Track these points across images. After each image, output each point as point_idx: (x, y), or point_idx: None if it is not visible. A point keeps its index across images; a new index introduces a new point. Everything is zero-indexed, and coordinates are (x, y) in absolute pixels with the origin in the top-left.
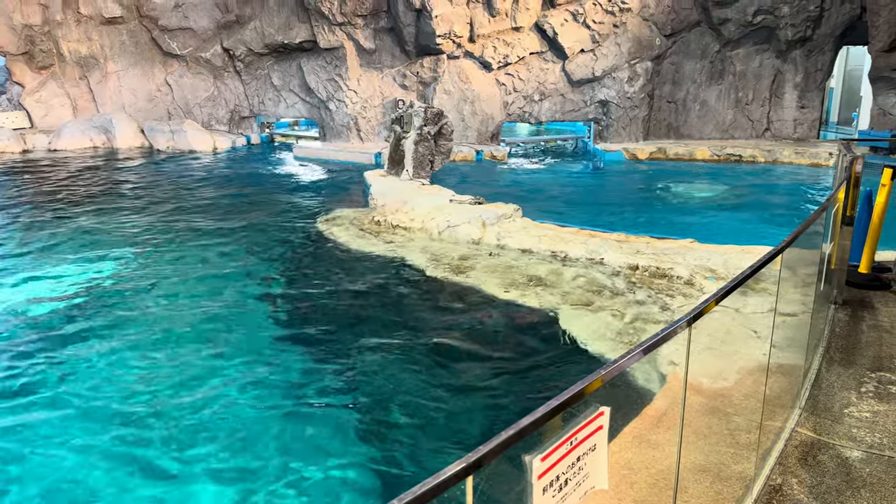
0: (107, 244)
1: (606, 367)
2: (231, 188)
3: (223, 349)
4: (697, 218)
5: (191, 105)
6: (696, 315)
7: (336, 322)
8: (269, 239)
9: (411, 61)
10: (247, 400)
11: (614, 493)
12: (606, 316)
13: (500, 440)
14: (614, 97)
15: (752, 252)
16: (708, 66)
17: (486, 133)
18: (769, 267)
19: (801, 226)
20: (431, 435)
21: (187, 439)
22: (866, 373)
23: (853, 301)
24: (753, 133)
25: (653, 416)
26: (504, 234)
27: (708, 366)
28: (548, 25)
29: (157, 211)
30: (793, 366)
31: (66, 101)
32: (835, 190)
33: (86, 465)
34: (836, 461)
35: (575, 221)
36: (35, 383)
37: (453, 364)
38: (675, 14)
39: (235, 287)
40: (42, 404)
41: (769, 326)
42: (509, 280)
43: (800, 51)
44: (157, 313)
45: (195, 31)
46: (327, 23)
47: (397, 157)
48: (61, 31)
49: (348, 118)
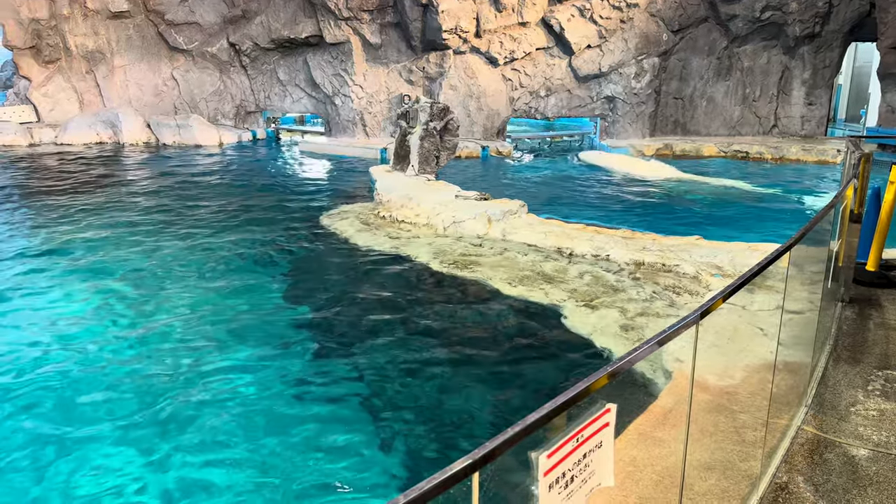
0: (111, 241)
1: (612, 364)
2: (237, 183)
3: (226, 343)
4: (702, 216)
5: (197, 100)
6: (704, 312)
7: (341, 316)
8: (274, 234)
9: (417, 56)
10: (252, 392)
11: (620, 489)
12: (612, 312)
13: (506, 436)
14: (621, 93)
15: (759, 249)
16: (715, 62)
17: (491, 129)
18: (776, 264)
19: (808, 223)
20: (437, 430)
21: (192, 432)
22: (873, 371)
23: (860, 299)
24: (761, 130)
25: (658, 413)
26: (509, 229)
27: (714, 363)
28: (554, 21)
29: (161, 205)
30: (799, 363)
31: (72, 96)
32: (843, 187)
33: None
34: (843, 459)
35: (580, 218)
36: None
37: (459, 359)
38: (683, 10)
39: (240, 282)
40: (47, 392)
41: (776, 324)
42: (515, 276)
43: (808, 47)
44: (162, 304)
45: (201, 26)
46: (333, 18)
47: (403, 152)
48: (68, 25)
49: (354, 113)
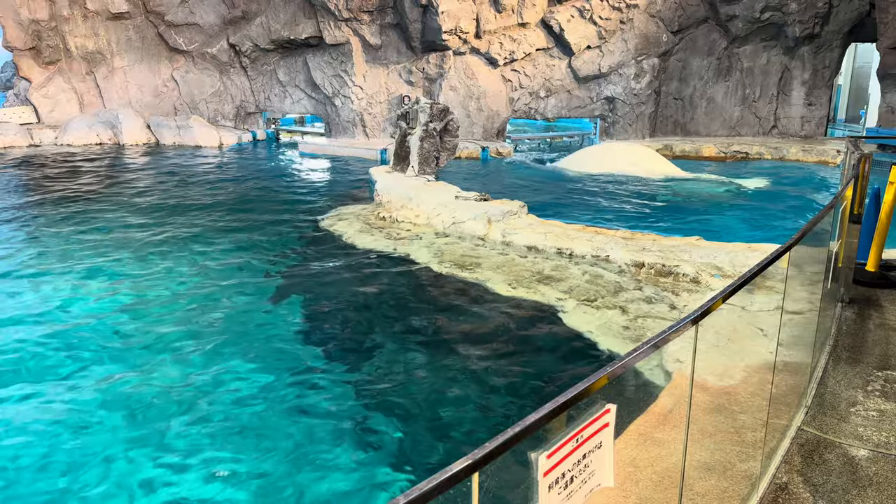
0: (111, 242)
1: (612, 364)
2: (236, 184)
3: (227, 345)
4: (702, 215)
5: (197, 101)
6: (703, 313)
7: (340, 318)
8: (274, 235)
9: (417, 57)
10: (252, 395)
11: (620, 490)
12: (612, 313)
13: (506, 437)
14: (621, 94)
15: (759, 250)
16: (715, 62)
17: (491, 129)
18: (776, 265)
19: (808, 223)
20: (436, 431)
21: (192, 434)
22: (873, 371)
23: (860, 299)
24: (760, 130)
25: (658, 413)
26: (510, 230)
27: (714, 364)
28: (554, 21)
29: (162, 206)
30: (799, 364)
31: (72, 97)
32: (842, 187)
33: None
34: (842, 460)
35: (580, 218)
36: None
37: (459, 360)
38: (683, 10)
39: (240, 283)
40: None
41: (776, 325)
42: (515, 276)
43: (808, 47)
44: (158, 307)
45: (201, 27)
46: (333, 18)
47: (403, 153)
48: (68, 26)
49: (354, 114)
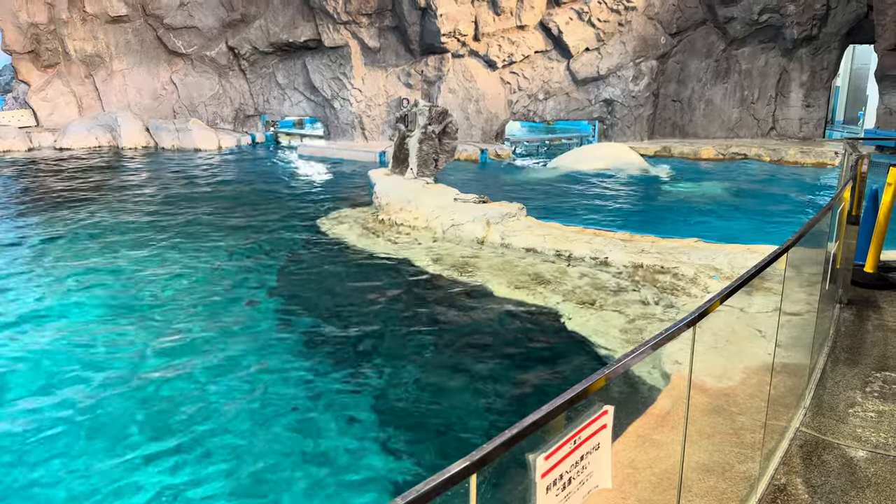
0: (110, 245)
1: (610, 365)
2: (235, 187)
3: (226, 349)
4: (701, 217)
5: (196, 103)
6: (701, 314)
7: (339, 320)
8: (273, 237)
9: (416, 60)
10: (248, 398)
11: (618, 492)
12: (610, 315)
13: (503, 438)
14: (619, 96)
15: (758, 251)
16: (713, 64)
17: (490, 132)
18: (774, 266)
19: (806, 225)
20: (435, 432)
21: (192, 434)
22: (871, 372)
23: (858, 300)
24: (759, 132)
25: (656, 415)
26: (508, 232)
27: (712, 365)
28: (553, 24)
29: (160, 210)
30: (797, 365)
31: (71, 100)
32: (840, 189)
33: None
34: (841, 461)
35: (579, 221)
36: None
37: (458, 362)
38: (681, 13)
39: (238, 286)
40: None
41: (774, 326)
42: (514, 278)
43: (806, 49)
44: (157, 310)
45: (200, 30)
46: (332, 21)
47: (402, 155)
48: (67, 29)
49: (353, 117)
